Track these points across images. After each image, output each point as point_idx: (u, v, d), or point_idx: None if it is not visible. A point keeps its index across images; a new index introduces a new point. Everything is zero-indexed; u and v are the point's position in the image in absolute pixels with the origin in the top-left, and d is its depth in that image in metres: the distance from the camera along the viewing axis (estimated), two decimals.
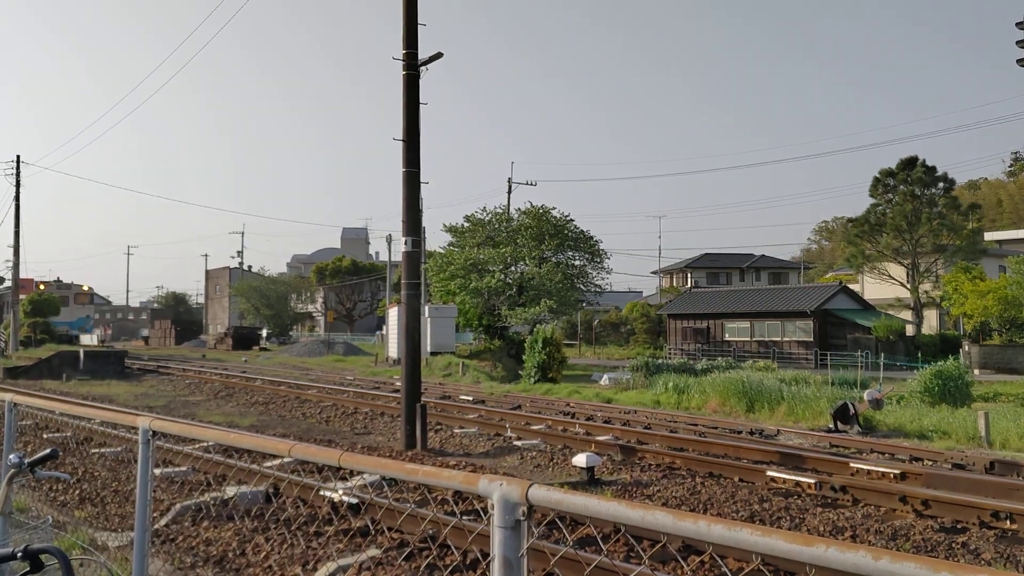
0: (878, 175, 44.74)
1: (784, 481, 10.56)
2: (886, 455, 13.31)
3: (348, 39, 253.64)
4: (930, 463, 12.55)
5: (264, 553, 6.97)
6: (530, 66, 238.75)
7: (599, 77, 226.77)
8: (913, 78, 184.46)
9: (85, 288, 58.16)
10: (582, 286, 40.97)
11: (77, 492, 9.62)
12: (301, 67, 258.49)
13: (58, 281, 57.22)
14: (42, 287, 55.18)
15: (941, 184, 43.61)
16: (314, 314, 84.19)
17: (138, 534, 5.02)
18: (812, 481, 10.28)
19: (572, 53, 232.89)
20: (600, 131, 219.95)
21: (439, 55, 14.87)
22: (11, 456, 3.91)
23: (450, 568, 6.48)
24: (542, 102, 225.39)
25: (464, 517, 7.86)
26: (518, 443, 14.21)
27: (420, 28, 14.68)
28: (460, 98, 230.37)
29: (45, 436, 14.38)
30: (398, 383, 24.48)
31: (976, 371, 32.51)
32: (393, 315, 39.71)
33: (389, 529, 7.47)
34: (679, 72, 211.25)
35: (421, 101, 14.70)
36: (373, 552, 6.69)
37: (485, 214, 41.26)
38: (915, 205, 42.84)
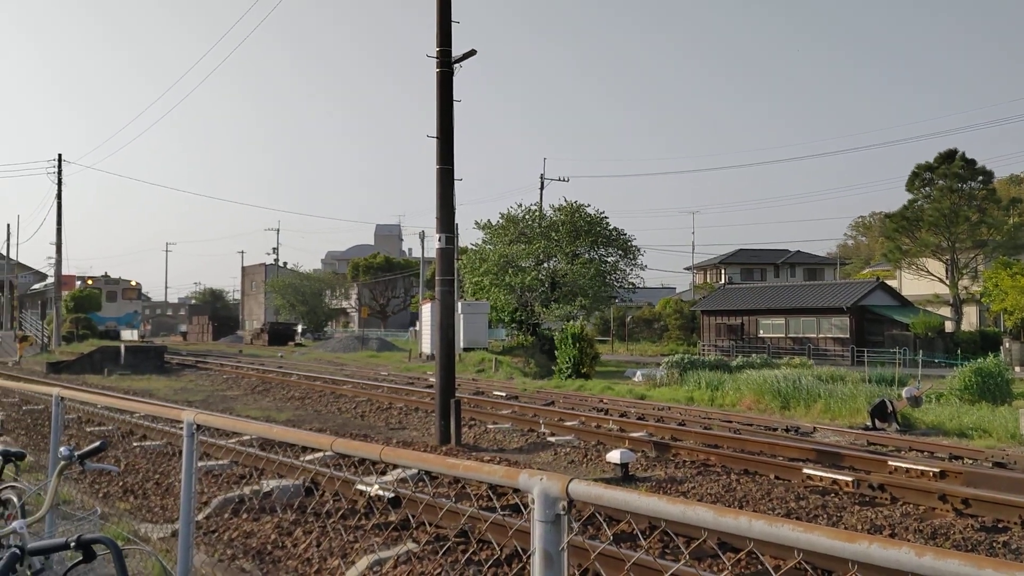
0: (916, 169, 44.07)
1: (821, 479, 10.48)
2: (925, 453, 13.14)
3: (383, 36, 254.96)
4: (970, 462, 12.38)
5: (303, 545, 7.07)
6: (562, 62, 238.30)
7: (631, 72, 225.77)
8: (951, 72, 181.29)
9: (133, 283, 58.55)
10: (615, 282, 40.89)
11: (120, 484, 9.82)
12: (336, 64, 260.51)
13: (106, 276, 57.71)
14: (90, 282, 55.98)
15: (980, 178, 42.84)
16: (348, 310, 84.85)
17: (183, 526, 5.13)
18: (849, 479, 10.18)
19: (604, 48, 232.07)
20: (633, 126, 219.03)
21: (472, 52, 14.90)
22: (62, 449, 4.02)
23: (488, 562, 6.53)
24: (574, 98, 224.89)
25: (498, 512, 7.89)
26: (552, 439, 14.24)
27: (453, 25, 14.75)
28: (493, 94, 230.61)
29: (88, 430, 14.69)
30: (431, 379, 24.62)
31: (1017, 368, 31.91)
32: (426, 311, 39.92)
33: (429, 524, 7.54)
34: (713, 67, 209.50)
35: (455, 98, 14.77)
36: (411, 546, 6.76)
37: (519, 210, 41.33)
38: (953, 200, 42.12)
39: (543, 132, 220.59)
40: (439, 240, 14.44)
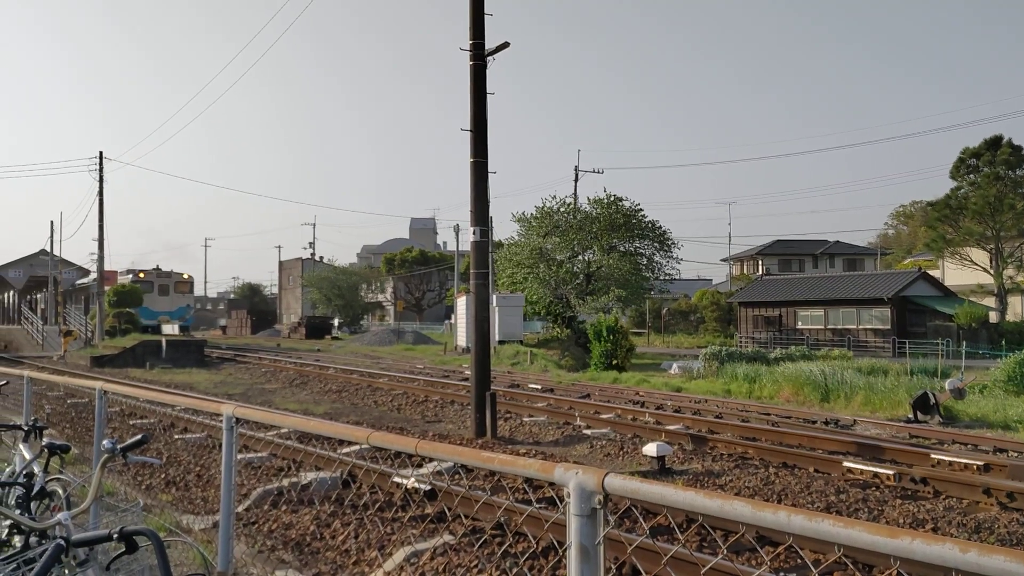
0: (961, 155, 43.14)
1: (861, 472, 10.33)
2: (968, 446, 12.91)
3: (414, 32, 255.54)
4: (1015, 454, 12.12)
5: (341, 537, 7.14)
6: (594, 55, 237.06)
7: (666, 64, 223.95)
8: (991, 60, 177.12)
9: (185, 276, 58.85)
10: (651, 275, 40.68)
11: (162, 476, 9.99)
12: (368, 58, 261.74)
13: (157, 269, 58.06)
14: (142, 275, 56.57)
15: None
16: (384, 303, 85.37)
17: (223, 517, 5.20)
18: (891, 472, 10.03)
19: (632, 44, 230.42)
20: (669, 118, 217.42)
21: (506, 44, 14.85)
22: (104, 442, 4.08)
23: (525, 555, 6.53)
24: (607, 91, 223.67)
25: (533, 505, 7.89)
26: (587, 432, 14.20)
27: (486, 18, 14.71)
28: (524, 87, 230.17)
29: (131, 422, 14.96)
30: (467, 371, 24.69)
31: None
32: (461, 304, 40.03)
33: (465, 516, 7.57)
34: (750, 60, 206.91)
35: (488, 91, 14.75)
36: (447, 538, 6.79)
37: (555, 202, 41.25)
38: (999, 187, 41.17)
39: (577, 124, 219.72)
40: (473, 233, 14.44)
